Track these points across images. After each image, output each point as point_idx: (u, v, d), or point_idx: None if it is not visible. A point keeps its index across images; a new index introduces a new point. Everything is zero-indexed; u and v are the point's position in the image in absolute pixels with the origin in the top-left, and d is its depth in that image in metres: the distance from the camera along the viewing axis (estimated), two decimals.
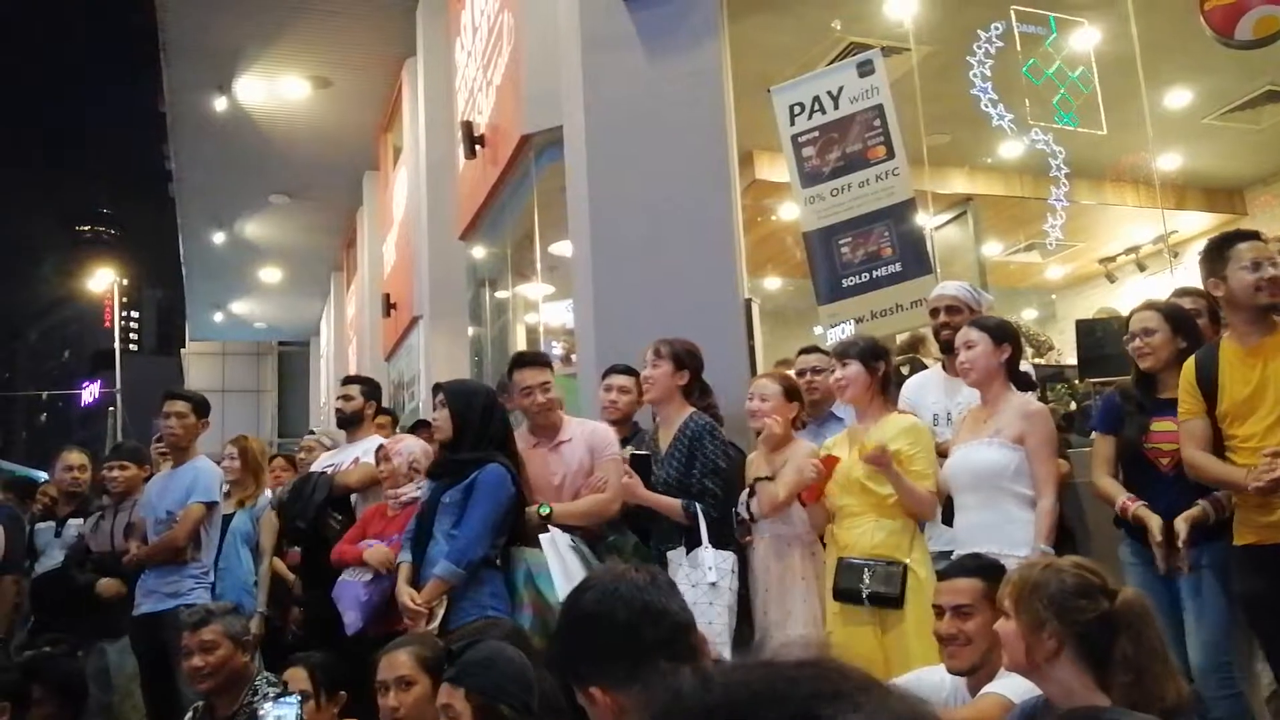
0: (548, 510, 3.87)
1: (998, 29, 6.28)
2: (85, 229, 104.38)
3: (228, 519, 5.09)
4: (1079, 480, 3.80)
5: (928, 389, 4.21)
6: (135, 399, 29.49)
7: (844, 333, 5.17)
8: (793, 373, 4.64)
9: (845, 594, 3.48)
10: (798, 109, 5.56)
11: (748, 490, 3.84)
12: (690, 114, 5.69)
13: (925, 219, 6.43)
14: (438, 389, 4.07)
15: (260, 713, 2.96)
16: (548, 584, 3.66)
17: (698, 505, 3.74)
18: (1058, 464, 3.48)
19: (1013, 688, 2.40)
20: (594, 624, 1.57)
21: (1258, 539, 3.14)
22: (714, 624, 3.56)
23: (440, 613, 3.70)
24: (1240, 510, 3.21)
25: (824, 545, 3.74)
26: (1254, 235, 3.36)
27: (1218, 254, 3.30)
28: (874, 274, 5.33)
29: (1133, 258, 10.37)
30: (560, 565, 3.64)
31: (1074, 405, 6.14)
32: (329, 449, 5.62)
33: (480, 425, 3.88)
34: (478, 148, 8.02)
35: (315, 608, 4.62)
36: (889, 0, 6.87)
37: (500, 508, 3.75)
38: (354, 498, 4.98)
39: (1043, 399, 4.30)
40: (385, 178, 13.00)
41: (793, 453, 3.81)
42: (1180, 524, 3.24)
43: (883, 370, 3.72)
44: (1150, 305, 3.71)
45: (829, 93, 5.50)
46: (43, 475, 7.64)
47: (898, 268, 5.29)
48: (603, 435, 4.07)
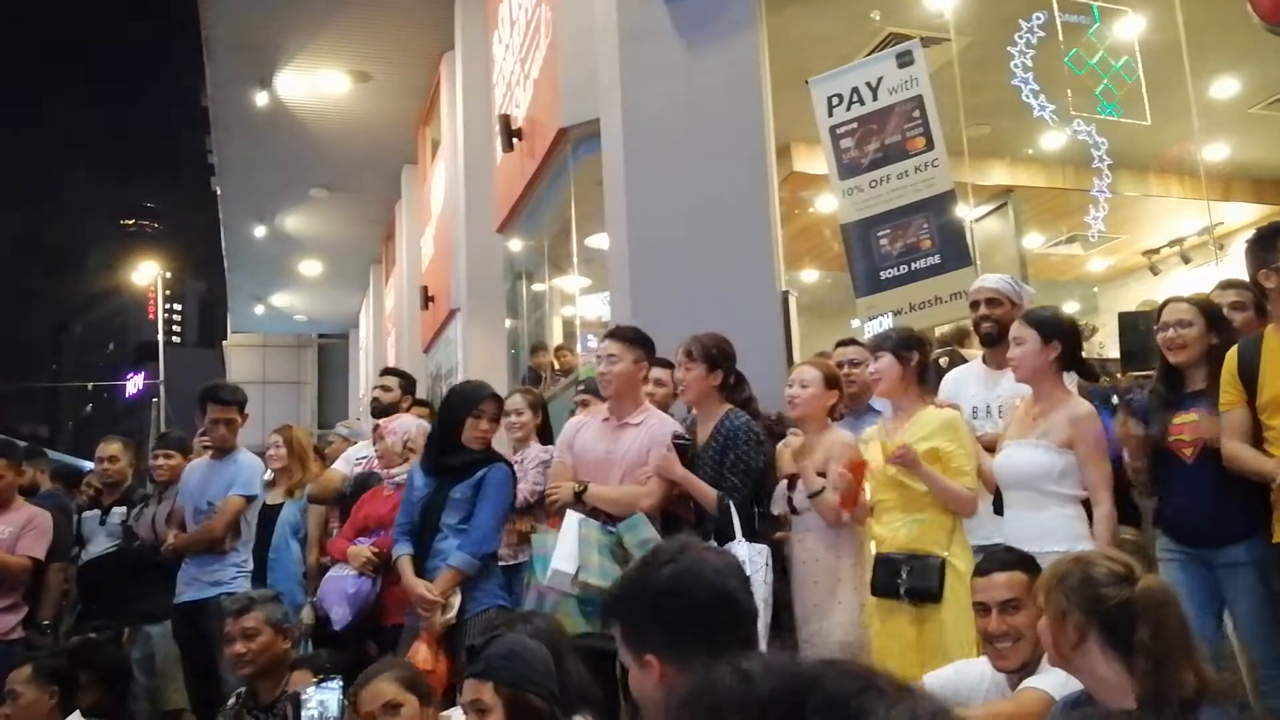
0: (582, 488, 3.88)
1: (1039, 18, 6.20)
2: (129, 223, 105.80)
3: (276, 509, 5.17)
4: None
5: (967, 382, 4.17)
6: (178, 390, 29.93)
7: (881, 325, 5.14)
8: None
9: (884, 589, 3.45)
10: (836, 100, 5.53)
11: (785, 482, 3.81)
12: (727, 106, 5.68)
13: (965, 211, 6.37)
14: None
15: (303, 697, 3.01)
16: (542, 566, 3.67)
17: (730, 501, 3.71)
18: (1109, 468, 3.43)
19: (1053, 682, 2.39)
20: (671, 598, 1.59)
21: None
22: None
23: (456, 603, 3.74)
24: (1279, 508, 3.17)
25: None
26: None
27: (1269, 244, 3.25)
28: (913, 266, 5.30)
29: (1177, 250, 10.21)
30: (561, 546, 3.62)
31: (1116, 399, 6.05)
32: (348, 440, 5.73)
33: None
34: (515, 141, 8.06)
35: None
36: None
37: (506, 505, 3.98)
38: None
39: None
40: (424, 171, 13.08)
41: (828, 442, 3.77)
42: None
43: (917, 361, 3.68)
44: (1184, 298, 3.66)
45: (868, 84, 5.47)
46: (88, 465, 7.77)
47: (937, 260, 5.26)
48: (664, 431, 3.94)
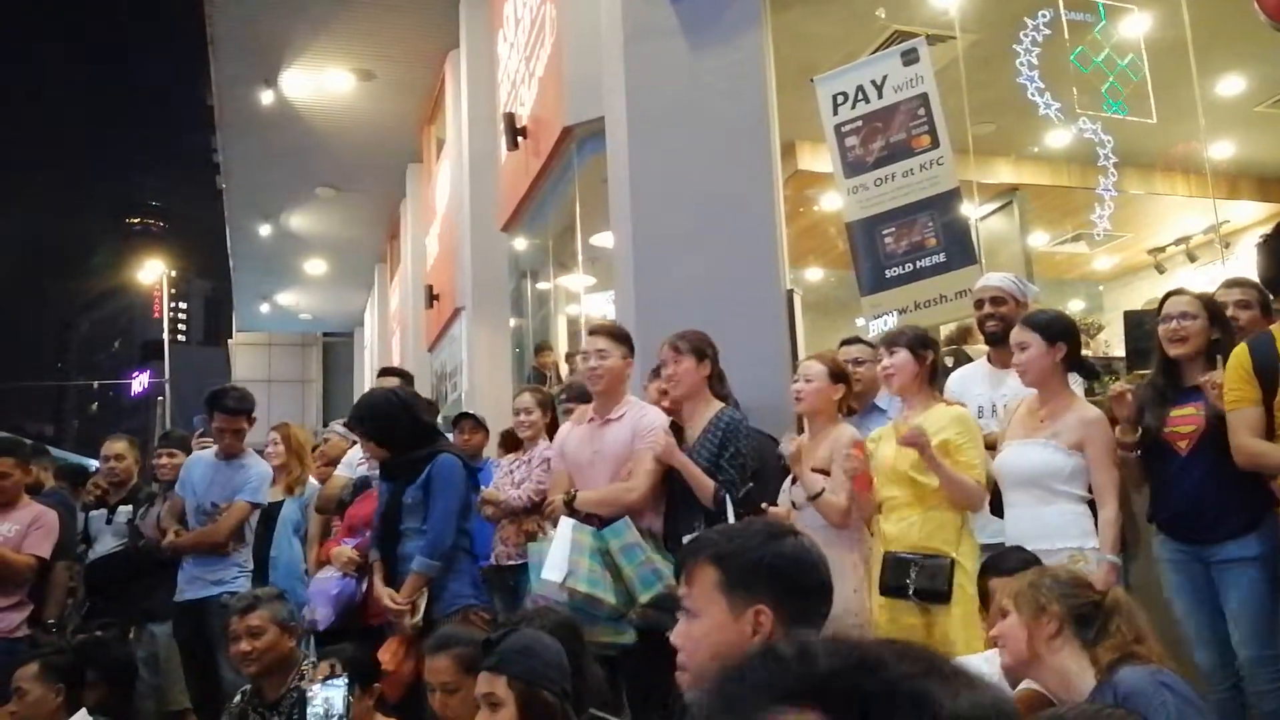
0: (571, 495, 3.88)
1: (1045, 16, 6.18)
2: (135, 221, 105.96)
3: (276, 507, 5.19)
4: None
5: (972, 381, 4.17)
6: (183, 389, 29.99)
7: (886, 324, 5.14)
8: None
9: (891, 589, 3.45)
10: (841, 98, 5.53)
11: (790, 478, 3.81)
12: (732, 104, 5.67)
13: (970, 209, 6.35)
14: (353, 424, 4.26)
15: (309, 694, 3.02)
16: (536, 575, 3.67)
17: (726, 494, 3.70)
18: (1118, 472, 3.43)
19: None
20: (794, 565, 1.79)
21: None
22: None
23: (422, 606, 3.77)
24: None
25: (870, 536, 3.71)
26: None
27: None
28: (918, 264, 5.29)
29: (1183, 248, 10.20)
30: (552, 554, 3.61)
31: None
32: (345, 438, 5.73)
33: (411, 427, 4.01)
34: (520, 139, 8.05)
35: None
36: None
37: (460, 495, 3.93)
38: None
39: (1091, 391, 4.23)
40: (428, 170, 13.09)
41: (834, 438, 3.77)
42: None
43: (930, 359, 3.68)
44: (1187, 291, 3.65)
45: (873, 82, 5.46)
46: (94, 464, 7.79)
47: (942, 258, 5.25)
48: (649, 421, 3.92)
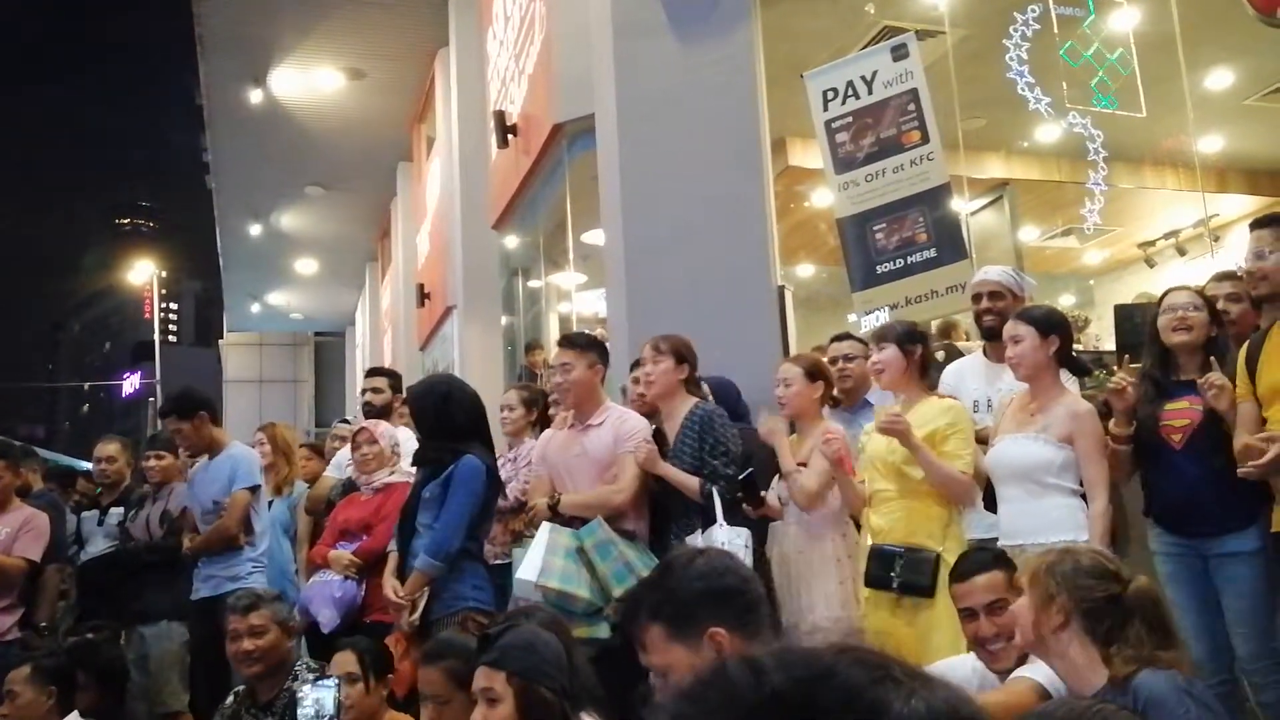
0: (555, 500, 3.90)
1: (1034, 11, 6.19)
2: (124, 222, 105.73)
3: (265, 507, 5.17)
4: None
5: (968, 375, 4.17)
6: (174, 390, 29.87)
7: (878, 320, 5.14)
8: (825, 360, 4.62)
9: (876, 581, 3.47)
10: (831, 94, 5.53)
11: (778, 477, 3.83)
12: (722, 100, 5.67)
13: (961, 204, 6.37)
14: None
15: (300, 695, 3.01)
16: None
17: (713, 487, 3.72)
18: (1107, 464, 3.44)
19: (1045, 672, 2.39)
20: (718, 578, 1.83)
21: None
22: None
23: (421, 604, 3.75)
24: None
25: (858, 528, 3.72)
26: None
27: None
28: (909, 260, 5.30)
29: (1172, 242, 10.22)
30: (529, 556, 3.64)
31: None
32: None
33: (436, 419, 3.96)
34: (510, 137, 8.04)
35: None
36: None
37: (477, 499, 3.83)
38: None
39: (1083, 386, 4.24)
40: (419, 168, 13.07)
41: (818, 432, 3.77)
42: None
43: (919, 354, 3.69)
44: (1187, 287, 3.67)
45: (863, 77, 5.46)
46: (86, 465, 7.77)
47: (933, 253, 5.25)
48: (630, 426, 3.94)
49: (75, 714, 3.64)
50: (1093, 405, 3.47)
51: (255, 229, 16.03)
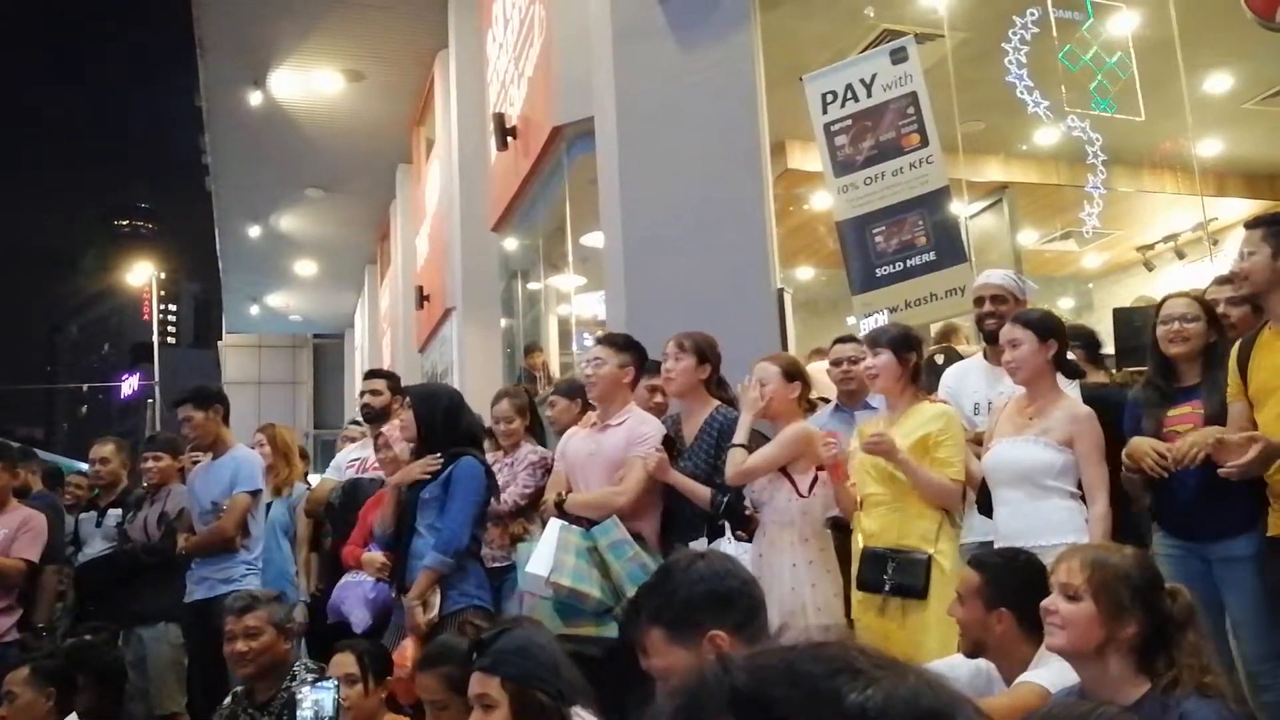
0: (563, 497, 3.93)
1: (1033, 14, 6.20)
2: (124, 224, 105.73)
3: (265, 509, 5.17)
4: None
5: (968, 378, 4.16)
6: (173, 392, 29.86)
7: (877, 323, 5.14)
8: (828, 362, 4.62)
9: (868, 584, 3.47)
10: (830, 97, 5.53)
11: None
12: (722, 104, 5.68)
13: (960, 207, 6.37)
14: (404, 392, 4.15)
15: (299, 696, 3.01)
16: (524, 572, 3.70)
17: (724, 498, 3.70)
18: (1106, 467, 3.44)
19: (1049, 677, 2.38)
20: (719, 581, 1.85)
21: None
22: None
23: (436, 602, 3.75)
24: (1276, 500, 3.18)
25: (851, 532, 3.72)
26: None
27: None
28: (908, 263, 5.30)
29: (1171, 245, 10.22)
30: (538, 551, 3.65)
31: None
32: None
33: (445, 426, 3.98)
34: (509, 139, 8.05)
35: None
36: None
37: (478, 498, 3.87)
38: None
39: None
40: (418, 170, 13.07)
41: (783, 430, 3.74)
42: None
43: (914, 360, 3.68)
44: (1186, 293, 3.67)
45: (862, 80, 5.47)
46: (82, 465, 7.76)
47: (932, 257, 5.26)
48: (643, 430, 3.94)
49: (74, 716, 3.64)
50: (1091, 409, 3.47)
51: (254, 231, 16.04)
